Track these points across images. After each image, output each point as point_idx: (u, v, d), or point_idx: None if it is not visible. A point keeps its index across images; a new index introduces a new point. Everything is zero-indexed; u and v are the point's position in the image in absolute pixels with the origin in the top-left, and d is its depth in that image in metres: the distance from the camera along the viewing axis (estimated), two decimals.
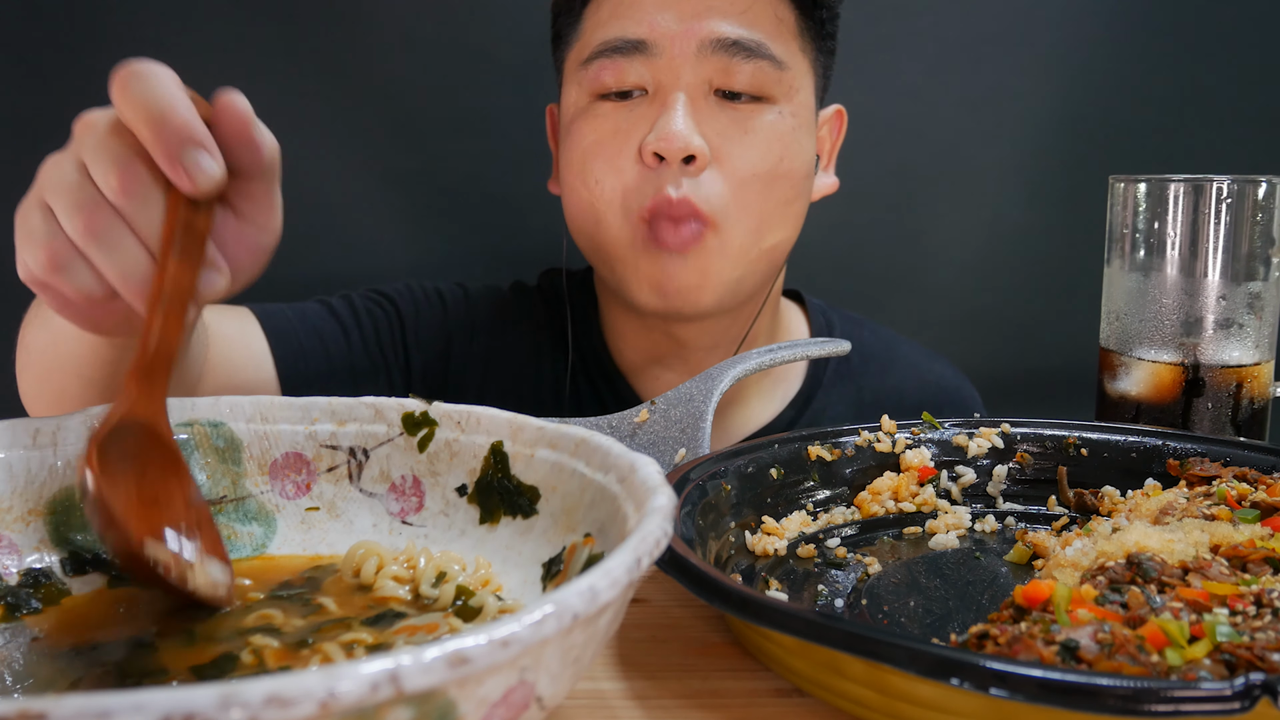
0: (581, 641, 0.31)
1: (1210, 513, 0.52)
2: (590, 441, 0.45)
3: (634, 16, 0.84)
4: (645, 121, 0.84)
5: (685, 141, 0.81)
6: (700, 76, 0.83)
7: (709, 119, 0.84)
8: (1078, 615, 0.40)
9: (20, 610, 0.43)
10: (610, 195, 0.85)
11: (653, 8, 0.84)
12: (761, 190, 0.85)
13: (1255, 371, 0.74)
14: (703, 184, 0.83)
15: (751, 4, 0.84)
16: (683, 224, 0.83)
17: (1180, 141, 1.34)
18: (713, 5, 0.83)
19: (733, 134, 0.84)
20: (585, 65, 0.86)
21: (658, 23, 0.83)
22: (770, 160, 0.85)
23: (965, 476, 0.64)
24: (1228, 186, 0.72)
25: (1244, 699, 0.32)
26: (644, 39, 0.83)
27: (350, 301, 0.98)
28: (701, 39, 0.82)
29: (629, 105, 0.85)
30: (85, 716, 0.22)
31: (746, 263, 0.87)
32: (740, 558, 0.54)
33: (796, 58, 0.87)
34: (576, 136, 0.87)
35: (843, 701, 0.40)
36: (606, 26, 0.85)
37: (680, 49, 0.83)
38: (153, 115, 0.47)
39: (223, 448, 0.51)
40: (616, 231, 0.86)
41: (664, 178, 0.82)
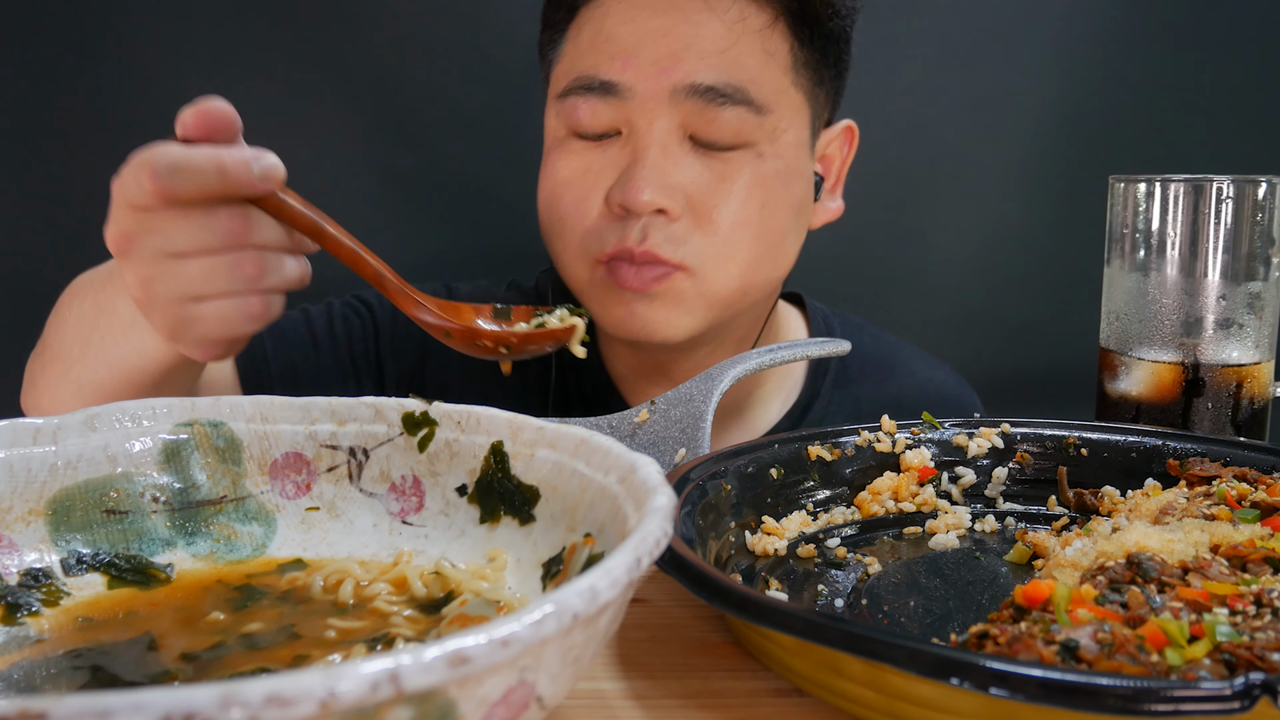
0: (581, 641, 0.31)
1: (1210, 513, 0.52)
2: (590, 441, 0.45)
3: (609, 51, 0.80)
4: (615, 167, 0.81)
5: (652, 197, 0.77)
6: (674, 121, 0.79)
7: (684, 167, 0.80)
8: (1078, 615, 0.40)
9: (20, 611, 0.43)
10: (570, 236, 0.83)
11: (630, 43, 0.79)
12: (744, 239, 0.82)
13: (1255, 371, 0.74)
14: (674, 232, 0.80)
15: (735, 42, 0.79)
16: (644, 267, 0.80)
17: (1180, 141, 1.34)
18: (691, 44, 0.78)
19: (709, 183, 0.80)
20: (561, 99, 0.83)
21: (631, 62, 0.79)
22: (751, 208, 0.81)
23: (965, 478, 0.64)
24: (1228, 186, 0.72)
25: (1244, 699, 0.32)
26: (616, 81, 0.79)
27: (329, 308, 0.97)
28: (675, 84, 0.78)
29: (601, 146, 0.82)
30: (85, 716, 0.22)
31: (726, 306, 0.84)
32: (740, 558, 0.54)
33: (786, 96, 0.83)
34: (549, 169, 0.85)
35: (843, 701, 0.40)
36: (584, 57, 0.82)
37: (653, 93, 0.79)
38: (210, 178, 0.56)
39: (223, 448, 0.51)
40: (573, 269, 0.84)
41: (628, 227, 0.79)
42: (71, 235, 1.23)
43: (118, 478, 0.48)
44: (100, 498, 0.48)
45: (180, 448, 0.50)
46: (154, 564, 0.48)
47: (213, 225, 0.57)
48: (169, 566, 0.48)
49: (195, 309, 0.60)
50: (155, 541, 0.48)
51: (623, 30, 0.80)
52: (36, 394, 0.77)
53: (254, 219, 0.59)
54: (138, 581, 0.47)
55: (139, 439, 0.49)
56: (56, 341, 0.75)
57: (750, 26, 0.80)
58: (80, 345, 0.72)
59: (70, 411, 0.70)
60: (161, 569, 0.47)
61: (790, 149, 0.84)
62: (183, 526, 0.49)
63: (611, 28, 0.80)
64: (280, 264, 0.61)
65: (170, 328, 0.61)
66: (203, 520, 0.50)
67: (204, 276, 0.58)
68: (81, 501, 0.47)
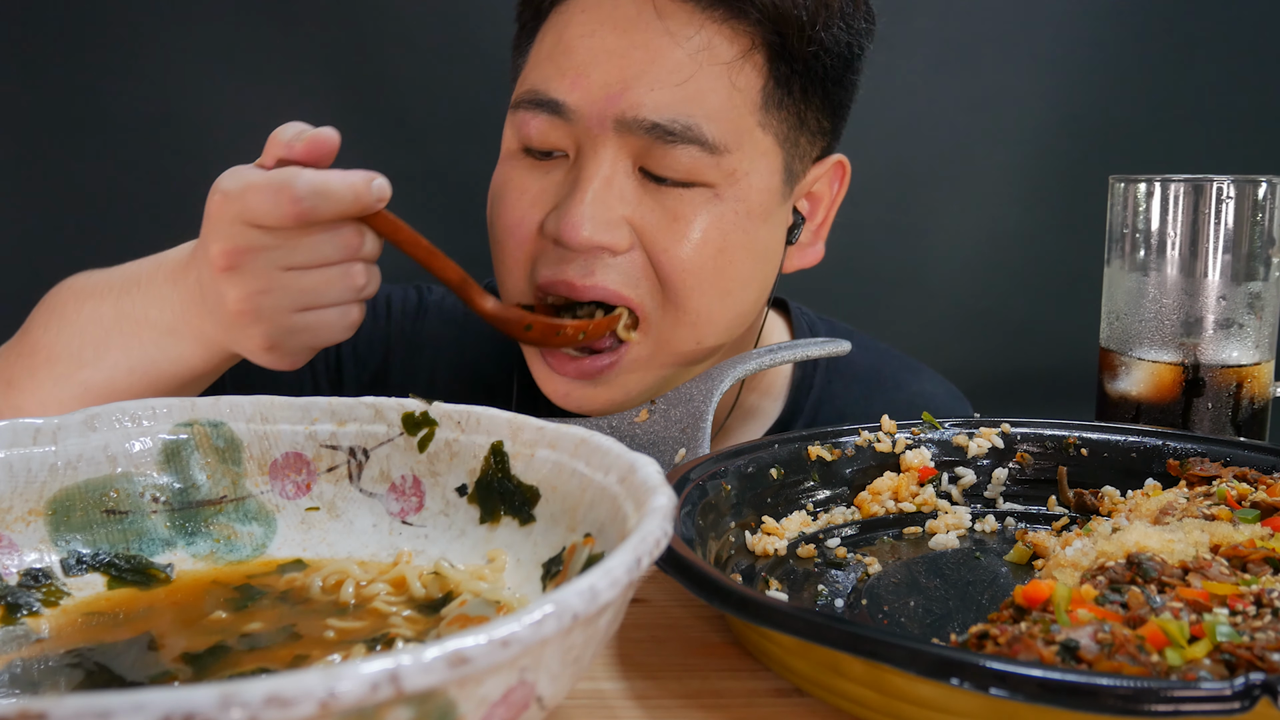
0: (581, 641, 0.31)
1: (1210, 513, 0.52)
2: (590, 441, 0.45)
3: (563, 65, 0.74)
4: (556, 192, 0.75)
5: (590, 235, 0.71)
6: (623, 151, 0.73)
7: (633, 201, 0.73)
8: (1078, 615, 0.40)
9: (20, 611, 0.43)
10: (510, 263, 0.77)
11: (584, 60, 0.73)
12: (694, 286, 0.74)
13: (1255, 371, 0.74)
14: (624, 267, 0.73)
15: (694, 74, 0.72)
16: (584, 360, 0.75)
17: (1180, 141, 1.34)
18: (644, 71, 0.71)
19: (660, 221, 0.73)
20: (514, 109, 0.77)
21: (581, 82, 0.73)
22: (706, 252, 0.74)
23: (965, 478, 0.64)
24: (1228, 186, 0.72)
25: (1244, 699, 0.32)
26: (563, 101, 0.73)
27: None
28: (619, 115, 0.71)
29: (546, 167, 0.76)
30: (85, 716, 0.22)
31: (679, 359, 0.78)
32: (740, 558, 0.54)
33: (749, 136, 0.74)
34: (496, 184, 0.80)
35: (843, 701, 0.40)
36: (540, 68, 0.76)
37: (599, 120, 0.72)
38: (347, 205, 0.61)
39: (223, 448, 0.51)
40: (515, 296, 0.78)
41: (567, 258, 0.73)
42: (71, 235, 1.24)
43: (118, 478, 0.48)
44: (100, 498, 0.48)
45: (180, 448, 0.50)
46: (154, 564, 0.48)
47: (335, 240, 0.62)
48: (169, 566, 0.48)
49: (303, 319, 0.64)
50: (155, 541, 0.48)
51: (580, 44, 0.74)
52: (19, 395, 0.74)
53: (366, 234, 0.64)
54: (138, 581, 0.47)
55: (139, 439, 0.49)
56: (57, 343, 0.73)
57: (716, 58, 0.72)
58: (94, 349, 0.71)
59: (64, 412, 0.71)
60: (161, 569, 0.47)
61: (755, 193, 0.75)
62: (183, 526, 0.49)
63: (570, 39, 0.74)
64: (376, 275, 0.66)
65: (272, 339, 0.64)
66: (203, 520, 0.50)
67: (319, 288, 0.63)
68: (81, 501, 0.47)
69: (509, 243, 0.77)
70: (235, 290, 0.62)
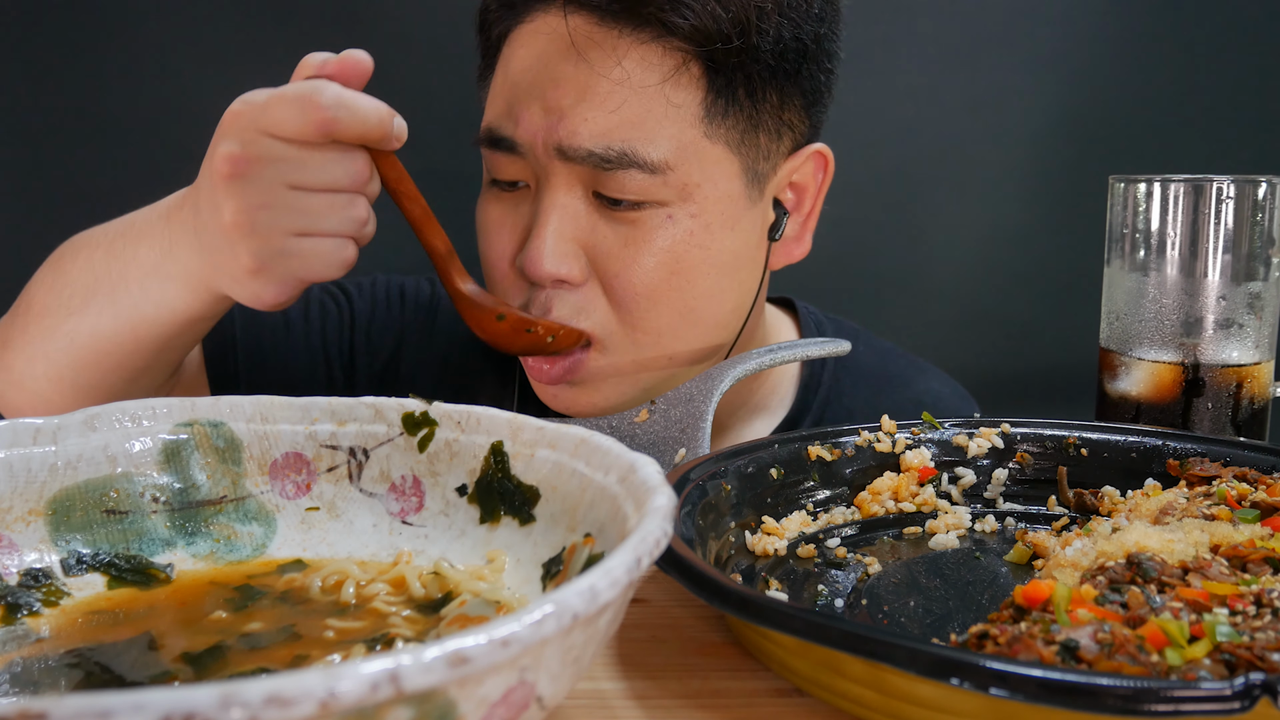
0: (581, 641, 0.31)
1: (1210, 513, 0.52)
2: (590, 441, 0.45)
3: (509, 99, 0.75)
4: (523, 223, 0.77)
5: (553, 269, 0.73)
6: (573, 179, 0.74)
7: (588, 228, 0.74)
8: (1078, 615, 0.40)
9: (20, 611, 0.43)
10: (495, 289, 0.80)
11: (524, 93, 0.74)
12: (650, 307, 0.75)
13: (1255, 371, 0.74)
14: (579, 301, 0.75)
15: (626, 99, 0.72)
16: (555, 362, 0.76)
17: (1180, 141, 1.34)
18: (580, 100, 0.72)
19: (613, 248, 0.74)
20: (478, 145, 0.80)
21: (523, 117, 0.74)
22: (658, 276, 0.74)
23: (965, 478, 0.64)
24: (1228, 186, 0.72)
25: (1244, 699, 0.32)
26: (511, 138, 0.75)
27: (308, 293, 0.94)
28: (558, 144, 0.72)
29: (514, 198, 0.78)
30: (85, 716, 0.22)
31: (654, 373, 0.79)
32: (740, 558, 0.54)
33: (695, 148, 0.74)
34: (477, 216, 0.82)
35: (843, 701, 0.40)
36: (494, 104, 0.78)
37: (544, 151, 0.73)
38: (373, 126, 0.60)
39: (223, 448, 0.51)
40: None
41: (534, 298, 0.76)
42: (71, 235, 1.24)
43: (118, 478, 0.48)
44: (100, 498, 0.48)
45: (180, 448, 0.50)
46: (154, 564, 0.48)
47: (347, 165, 0.61)
48: (169, 566, 0.48)
49: (297, 243, 0.61)
50: (155, 541, 0.48)
51: (520, 79, 0.75)
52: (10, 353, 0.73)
53: (374, 170, 0.63)
54: (138, 581, 0.47)
55: (139, 439, 0.49)
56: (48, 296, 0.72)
57: (645, 81, 0.72)
58: (82, 298, 0.70)
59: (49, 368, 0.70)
60: (161, 569, 0.47)
61: (711, 204, 0.75)
62: (183, 526, 0.49)
63: (513, 73, 0.76)
64: (373, 218, 0.64)
65: (263, 259, 0.61)
66: (203, 520, 0.50)
67: (321, 211, 0.61)
68: (81, 501, 0.47)
69: (494, 276, 0.80)
70: (235, 201, 0.60)
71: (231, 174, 0.60)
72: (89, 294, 0.69)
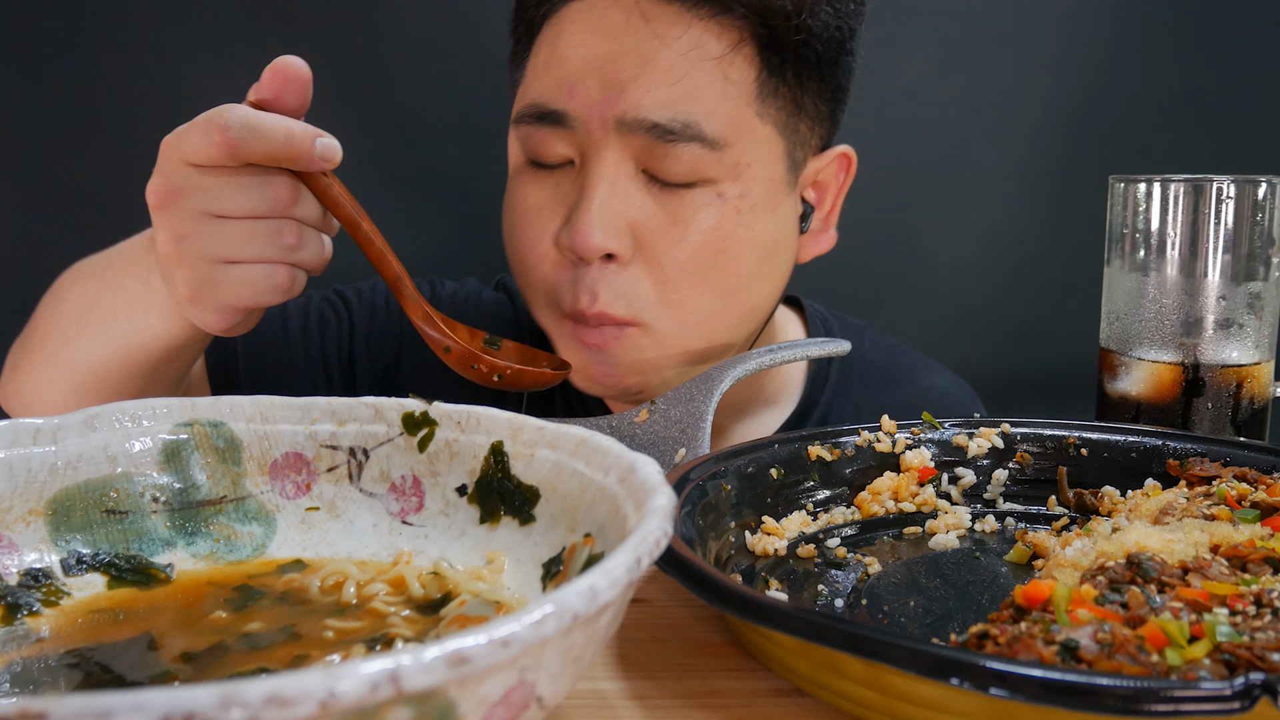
0: (581, 641, 0.31)
1: (1210, 513, 0.52)
2: (590, 441, 0.45)
3: (559, 76, 0.75)
4: (566, 202, 0.76)
5: (600, 243, 0.73)
6: (625, 154, 0.74)
7: (637, 205, 0.74)
8: (1078, 615, 0.40)
9: (20, 611, 0.43)
10: (535, 282, 0.79)
11: (578, 69, 0.74)
12: (693, 286, 0.76)
13: (1255, 371, 0.74)
14: (623, 284, 0.75)
15: (689, 71, 0.73)
16: (604, 328, 0.77)
17: (1180, 141, 1.34)
18: (640, 74, 0.72)
19: (660, 225, 0.74)
20: (516, 124, 0.79)
21: (578, 91, 0.74)
22: (704, 254, 0.75)
23: (965, 478, 0.64)
24: (1228, 186, 0.72)
25: (1244, 699, 0.32)
26: (564, 110, 0.74)
27: (307, 302, 0.95)
28: (619, 116, 0.72)
29: (555, 178, 0.77)
30: (85, 716, 0.22)
31: (691, 356, 0.79)
32: (740, 558, 0.54)
33: (748, 127, 0.75)
34: (507, 204, 0.81)
35: (843, 701, 0.40)
36: (538, 82, 0.77)
37: (600, 124, 0.73)
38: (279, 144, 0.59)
39: (223, 448, 0.51)
40: (544, 318, 0.81)
41: (580, 279, 0.75)
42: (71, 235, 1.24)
43: (118, 478, 0.48)
44: (100, 498, 0.48)
45: (180, 448, 0.50)
46: (154, 564, 0.48)
47: (264, 190, 0.60)
48: (169, 566, 0.48)
49: (224, 271, 0.61)
50: (155, 541, 0.48)
51: (573, 54, 0.75)
52: (19, 379, 0.76)
53: (303, 193, 0.62)
54: (138, 581, 0.47)
55: (139, 439, 0.49)
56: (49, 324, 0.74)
57: (707, 54, 0.73)
58: (77, 325, 0.72)
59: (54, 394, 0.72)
60: (161, 569, 0.47)
61: (758, 185, 0.76)
62: (183, 526, 0.49)
63: (563, 50, 0.75)
64: (314, 241, 0.63)
65: (194, 288, 0.62)
66: (203, 520, 0.50)
67: (242, 239, 0.60)
68: (81, 501, 0.47)
69: (529, 261, 0.78)
70: (164, 232, 0.61)
71: (157, 205, 0.61)
72: (83, 323, 0.71)
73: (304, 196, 0.62)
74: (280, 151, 0.59)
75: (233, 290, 0.62)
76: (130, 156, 1.22)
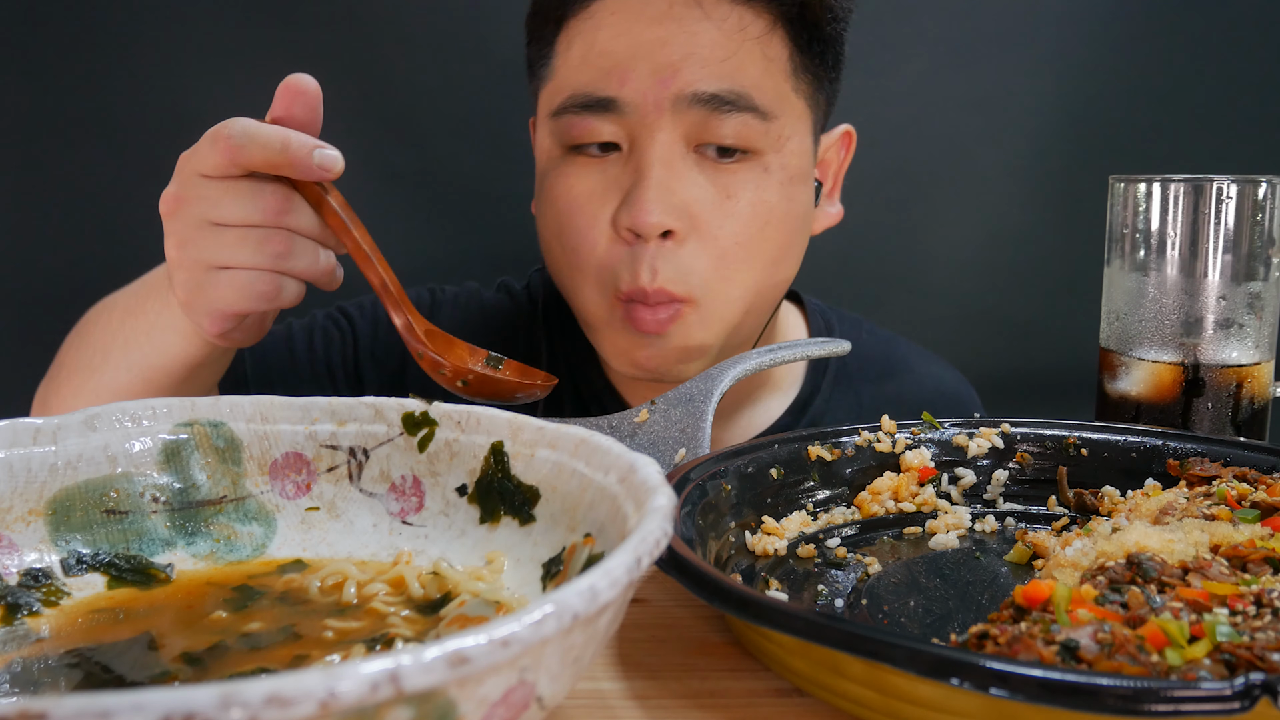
0: (581, 641, 0.31)
1: (1210, 513, 0.52)
2: (590, 441, 0.45)
3: (604, 66, 0.77)
4: (619, 186, 0.78)
5: (660, 219, 0.76)
6: (677, 134, 0.77)
7: (688, 183, 0.78)
8: (1078, 615, 0.40)
9: (20, 611, 0.43)
10: (585, 267, 0.81)
11: (625, 57, 0.77)
12: (744, 259, 0.80)
13: (1255, 371, 0.74)
14: (681, 261, 0.78)
15: (736, 50, 0.77)
16: (659, 308, 0.79)
17: (1180, 141, 1.34)
18: (690, 53, 0.76)
19: (713, 201, 0.78)
20: (556, 117, 0.80)
21: (629, 77, 0.76)
22: (754, 228, 0.79)
23: (965, 479, 0.64)
24: (1228, 186, 0.72)
25: (1244, 699, 0.32)
26: (614, 97, 0.77)
27: (311, 321, 0.98)
28: (677, 94, 0.76)
29: (602, 164, 0.80)
30: (85, 716, 0.22)
31: (731, 329, 0.83)
32: (740, 558, 0.54)
33: (788, 101, 0.81)
34: (550, 195, 0.82)
35: (843, 701, 0.40)
36: (577, 73, 0.79)
37: (654, 106, 0.76)
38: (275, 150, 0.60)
39: (223, 448, 0.51)
40: (593, 305, 0.83)
41: (639, 257, 0.77)
42: (72, 235, 1.24)
43: (118, 478, 0.48)
44: (100, 498, 0.48)
45: (180, 448, 0.50)
46: (154, 564, 0.48)
47: (257, 200, 0.62)
48: (169, 566, 0.48)
49: (215, 276, 0.63)
50: (155, 541, 0.48)
51: (617, 44, 0.77)
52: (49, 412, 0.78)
53: (296, 203, 0.63)
54: (138, 581, 0.47)
55: (139, 439, 0.49)
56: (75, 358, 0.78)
57: (749, 34, 0.78)
58: (102, 355, 0.74)
59: None
60: (161, 569, 0.47)
61: (795, 156, 0.82)
62: (183, 526, 0.49)
63: (605, 42, 0.78)
64: (308, 251, 0.64)
65: (188, 291, 0.64)
66: (203, 520, 0.50)
67: (234, 245, 0.62)
68: (81, 501, 0.47)
69: (585, 253, 0.80)
70: (170, 239, 0.64)
71: (166, 213, 0.64)
72: (107, 352, 0.74)
73: (298, 206, 0.63)
74: (277, 158, 0.61)
75: (220, 294, 0.64)
76: (130, 156, 1.22)
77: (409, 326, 0.68)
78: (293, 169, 0.61)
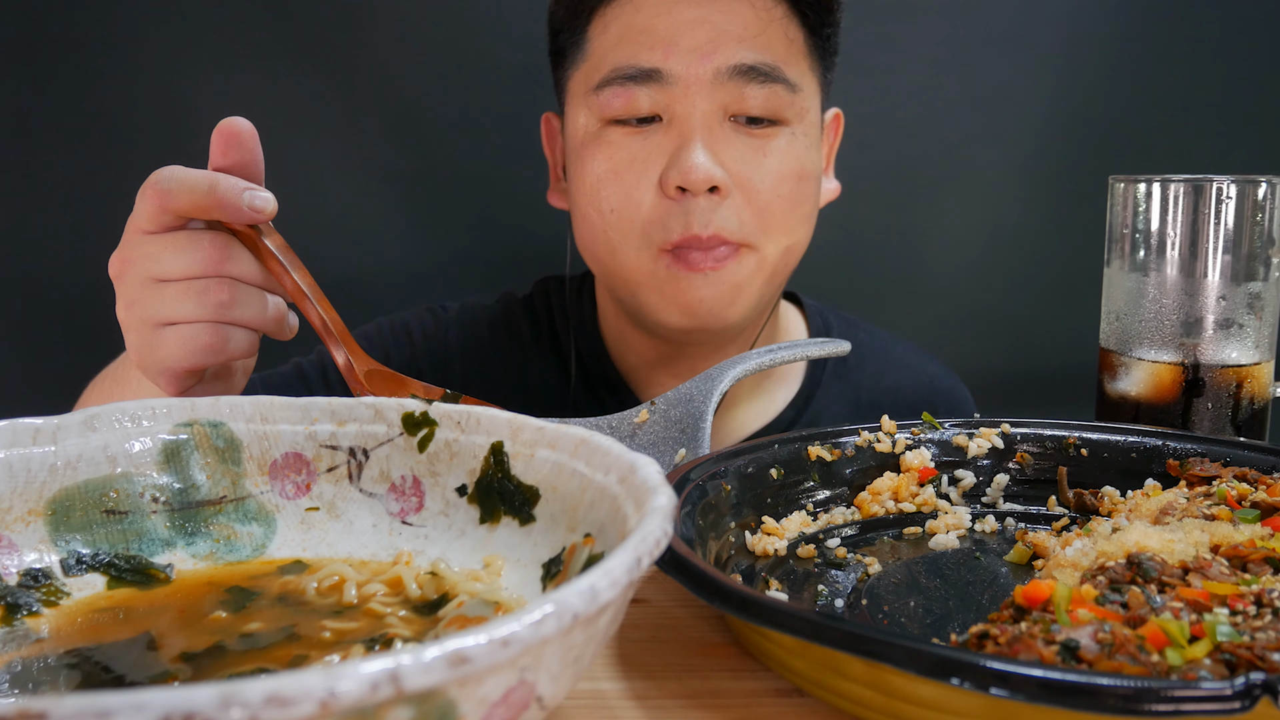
0: (581, 641, 0.31)
1: (1210, 513, 0.52)
2: (590, 441, 0.45)
3: (645, 43, 0.83)
4: (662, 151, 0.84)
5: (709, 173, 0.81)
6: (715, 103, 0.83)
7: (725, 146, 0.84)
8: (1078, 615, 0.40)
9: (20, 611, 0.43)
10: (627, 225, 0.85)
11: (666, 33, 0.83)
12: (785, 209, 0.86)
13: (1255, 371, 0.74)
14: (728, 212, 0.84)
15: (765, 28, 0.85)
16: (714, 250, 0.84)
17: (1180, 141, 1.34)
18: (727, 31, 0.83)
19: (751, 159, 0.85)
20: (596, 91, 0.86)
21: (672, 51, 0.83)
22: (790, 180, 0.86)
23: (965, 480, 0.64)
24: (1228, 186, 0.72)
25: (1244, 699, 0.32)
26: (658, 68, 0.83)
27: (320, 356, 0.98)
28: (717, 66, 0.83)
29: (643, 133, 0.85)
30: (85, 716, 0.22)
31: (773, 276, 0.89)
32: (740, 558, 0.54)
33: (807, 78, 0.88)
34: (589, 163, 0.87)
35: (843, 701, 0.40)
36: (616, 51, 0.85)
37: (695, 77, 0.83)
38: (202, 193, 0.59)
39: (223, 448, 0.51)
40: (635, 261, 0.86)
41: (689, 211, 0.83)
42: (71, 235, 1.24)
43: (117, 478, 0.48)
44: (100, 498, 0.48)
45: (180, 448, 0.50)
46: (154, 564, 0.48)
47: (194, 250, 0.61)
48: (169, 567, 0.48)
49: (161, 333, 0.62)
50: (155, 542, 0.48)
51: (659, 23, 0.83)
52: None
53: (234, 251, 0.62)
54: (137, 581, 0.47)
55: (139, 439, 0.49)
56: None
57: (774, 15, 0.86)
58: None
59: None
60: (161, 569, 0.47)
61: (813, 128, 0.89)
62: (182, 527, 0.49)
63: (646, 21, 0.84)
64: (253, 299, 0.63)
65: (139, 352, 0.64)
66: (202, 520, 0.50)
67: (176, 300, 0.61)
68: (81, 502, 0.47)
69: (627, 213, 0.85)
70: (119, 300, 0.64)
71: (114, 275, 0.63)
72: None
73: (238, 254, 0.62)
74: (205, 200, 0.60)
75: (168, 351, 0.63)
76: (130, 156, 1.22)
77: (349, 367, 0.67)
78: (223, 211, 0.61)
